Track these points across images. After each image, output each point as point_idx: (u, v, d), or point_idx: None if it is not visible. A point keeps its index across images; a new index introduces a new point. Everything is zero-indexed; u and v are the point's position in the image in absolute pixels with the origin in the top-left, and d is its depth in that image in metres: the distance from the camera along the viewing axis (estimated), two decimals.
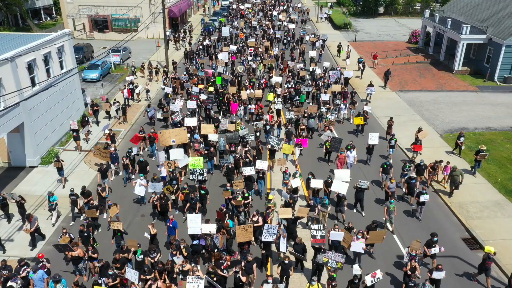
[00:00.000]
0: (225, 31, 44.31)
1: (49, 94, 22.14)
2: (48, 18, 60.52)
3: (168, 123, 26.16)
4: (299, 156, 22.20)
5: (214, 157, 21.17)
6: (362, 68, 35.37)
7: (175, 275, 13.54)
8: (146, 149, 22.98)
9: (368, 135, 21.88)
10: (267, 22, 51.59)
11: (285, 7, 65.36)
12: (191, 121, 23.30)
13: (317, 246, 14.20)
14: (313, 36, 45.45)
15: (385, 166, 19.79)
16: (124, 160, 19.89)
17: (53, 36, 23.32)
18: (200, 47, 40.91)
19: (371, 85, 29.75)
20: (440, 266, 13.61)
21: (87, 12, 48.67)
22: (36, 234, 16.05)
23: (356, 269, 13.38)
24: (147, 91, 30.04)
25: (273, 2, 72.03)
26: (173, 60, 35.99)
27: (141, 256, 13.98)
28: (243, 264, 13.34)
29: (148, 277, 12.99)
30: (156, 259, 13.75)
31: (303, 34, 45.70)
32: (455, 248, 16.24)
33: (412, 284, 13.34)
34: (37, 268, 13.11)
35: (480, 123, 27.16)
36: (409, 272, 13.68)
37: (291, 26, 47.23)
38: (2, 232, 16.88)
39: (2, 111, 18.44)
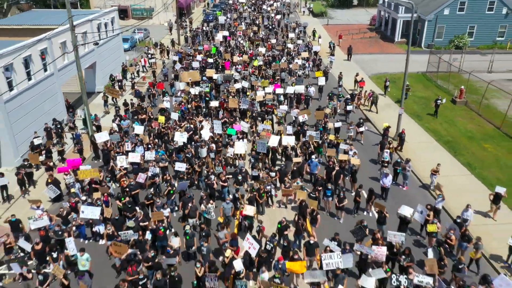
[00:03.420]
0: (221, 19, 55.98)
1: (108, 47, 34.14)
2: None
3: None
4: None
5: (214, 89, 32.71)
6: (332, 49, 46.58)
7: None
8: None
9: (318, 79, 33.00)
10: (257, 14, 63.22)
11: (274, 1, 77.21)
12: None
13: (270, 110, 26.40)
14: (294, 23, 56.52)
15: (330, 94, 31.19)
16: (152, 90, 31.64)
17: (108, 10, 35.50)
18: (200, 30, 52.38)
19: (332, 54, 41.45)
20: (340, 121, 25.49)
21: (111, 4, 60.55)
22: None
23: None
24: (163, 62, 41.15)
25: None
26: (173, 41, 47.28)
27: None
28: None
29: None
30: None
31: (286, 22, 57.10)
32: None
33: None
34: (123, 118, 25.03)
35: (397, 70, 39.04)
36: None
37: (278, 16, 59.06)
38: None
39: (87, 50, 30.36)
